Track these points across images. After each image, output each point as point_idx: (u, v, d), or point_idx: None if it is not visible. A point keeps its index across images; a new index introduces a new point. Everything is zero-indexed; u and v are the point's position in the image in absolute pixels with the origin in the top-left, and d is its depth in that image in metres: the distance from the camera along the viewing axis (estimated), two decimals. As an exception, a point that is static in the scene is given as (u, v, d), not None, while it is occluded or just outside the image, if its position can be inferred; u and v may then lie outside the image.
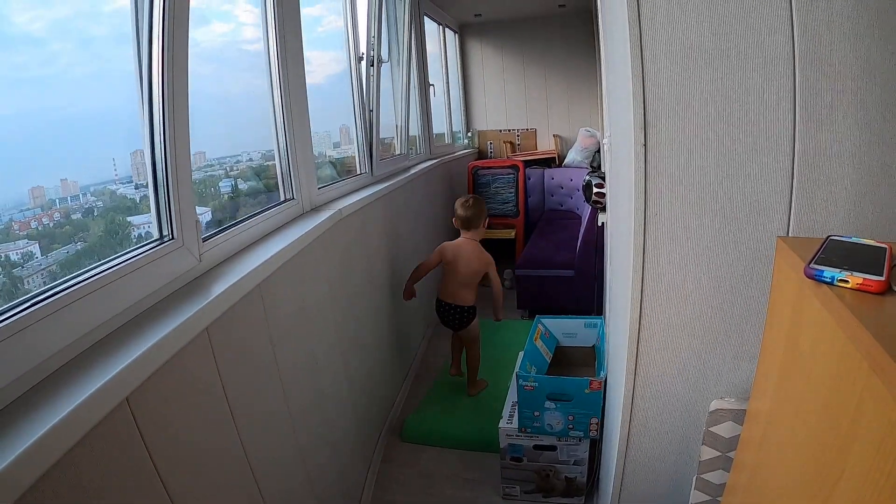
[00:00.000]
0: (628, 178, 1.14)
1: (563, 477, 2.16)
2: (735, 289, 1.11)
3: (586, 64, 5.48)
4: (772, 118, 1.02)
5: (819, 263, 0.68)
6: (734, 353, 1.15)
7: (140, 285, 1.14)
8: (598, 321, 2.50)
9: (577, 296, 3.59)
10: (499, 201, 4.83)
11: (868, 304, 0.59)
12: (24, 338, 0.86)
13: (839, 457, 0.57)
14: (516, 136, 6.07)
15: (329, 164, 2.90)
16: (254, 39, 1.94)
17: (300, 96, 2.06)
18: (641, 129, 1.06)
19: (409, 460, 2.55)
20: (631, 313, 1.17)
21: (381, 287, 2.77)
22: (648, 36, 1.04)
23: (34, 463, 0.70)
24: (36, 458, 0.70)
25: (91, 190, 1.33)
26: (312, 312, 1.83)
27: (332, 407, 1.97)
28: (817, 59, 0.99)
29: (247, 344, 1.37)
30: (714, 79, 1.03)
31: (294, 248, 1.65)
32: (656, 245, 1.12)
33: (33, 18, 1.13)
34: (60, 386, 0.84)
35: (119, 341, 0.99)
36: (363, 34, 2.93)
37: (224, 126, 1.94)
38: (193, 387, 1.13)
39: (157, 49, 1.24)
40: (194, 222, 1.35)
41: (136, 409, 0.93)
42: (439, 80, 5.29)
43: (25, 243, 1.14)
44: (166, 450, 1.01)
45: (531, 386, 2.01)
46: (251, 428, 1.33)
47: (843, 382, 0.57)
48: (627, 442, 1.29)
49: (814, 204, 1.03)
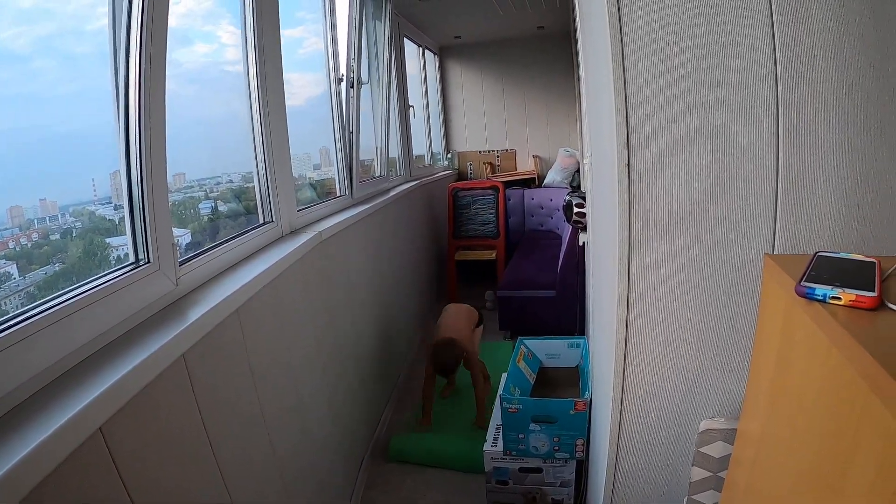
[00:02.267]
0: (611, 199, 1.13)
1: (550, 499, 2.14)
2: (722, 307, 1.10)
3: (565, 85, 5.55)
4: (755, 135, 1.02)
5: (809, 281, 0.67)
6: (723, 372, 1.14)
7: (114, 310, 1.11)
8: (581, 341, 2.49)
9: (559, 316, 3.58)
10: (479, 222, 4.83)
11: (862, 321, 0.58)
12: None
13: (837, 477, 0.56)
14: (496, 156, 6.10)
15: (309, 187, 2.88)
16: (235, 60, 1.93)
17: (280, 118, 2.04)
18: (625, 148, 1.05)
19: (394, 485, 2.50)
20: (616, 335, 1.16)
21: (363, 309, 2.73)
22: (630, 55, 1.04)
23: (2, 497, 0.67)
24: (4, 492, 0.67)
25: (70, 210, 1.32)
26: (293, 337, 1.79)
27: (315, 433, 1.93)
28: (799, 76, 0.99)
29: (226, 371, 1.33)
30: (697, 96, 1.03)
31: (274, 272, 1.62)
32: (641, 265, 1.11)
33: (17, 35, 1.12)
34: (29, 415, 0.81)
35: (92, 368, 0.96)
36: (343, 55, 2.93)
37: (205, 147, 1.93)
38: (171, 416, 1.10)
39: (133, 67, 1.23)
40: (171, 245, 1.32)
41: (111, 440, 0.90)
42: (419, 102, 5.31)
43: (3, 263, 1.12)
44: (144, 483, 0.98)
45: (515, 408, 1.99)
46: (231, 458, 1.30)
47: (840, 403, 0.56)
48: (616, 463, 1.27)
49: (799, 220, 1.03)
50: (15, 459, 0.69)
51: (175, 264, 1.33)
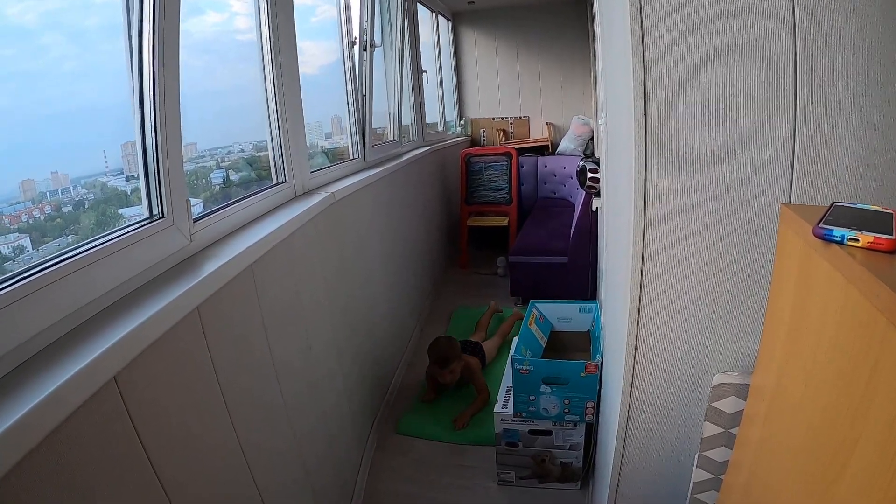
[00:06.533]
0: (628, 150, 1.12)
1: (559, 462, 2.15)
2: (737, 261, 1.09)
3: (580, 52, 5.47)
4: (772, 86, 1.00)
5: (827, 224, 0.66)
6: (737, 327, 1.13)
7: (129, 264, 1.12)
8: (594, 305, 2.49)
9: (570, 282, 3.57)
10: (492, 189, 4.80)
11: (880, 262, 0.57)
12: (6, 316, 0.83)
13: (856, 418, 0.55)
14: (509, 124, 6.04)
15: (322, 154, 2.88)
16: (247, 29, 1.92)
17: (293, 79, 2.03)
18: (641, 97, 1.03)
19: (404, 449, 2.53)
20: (631, 287, 1.15)
21: (375, 271, 2.75)
22: (647, 4, 1.01)
23: (16, 443, 0.68)
24: (18, 439, 0.68)
25: (82, 182, 1.32)
26: (306, 295, 1.80)
27: (326, 391, 1.95)
28: (817, 31, 0.97)
29: (239, 326, 1.34)
30: (714, 46, 1.00)
31: (287, 230, 1.62)
32: (656, 218, 1.10)
33: (24, 10, 1.12)
34: (45, 365, 0.82)
35: (106, 320, 0.96)
36: (356, 19, 2.90)
37: (216, 117, 1.92)
38: (184, 368, 1.11)
39: (147, 14, 1.22)
40: (185, 201, 1.33)
41: (125, 389, 0.91)
42: (432, 68, 5.26)
43: (16, 237, 1.12)
44: (156, 432, 0.99)
45: (526, 370, 2.00)
46: (243, 410, 1.31)
47: (858, 341, 0.56)
48: (628, 419, 1.27)
49: (816, 174, 1.01)
50: (29, 406, 0.70)
51: (189, 220, 1.34)
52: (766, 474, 0.86)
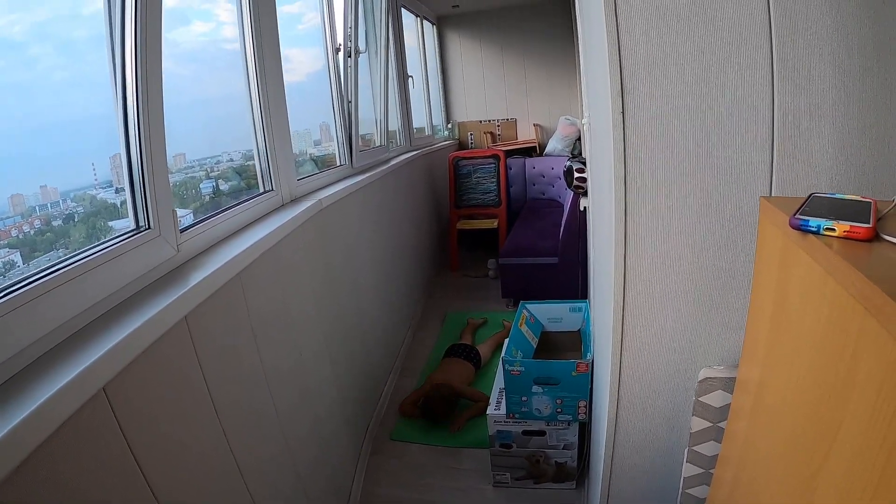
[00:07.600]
0: (608, 149, 1.12)
1: (554, 462, 2.16)
2: (719, 255, 1.10)
3: (565, 53, 5.50)
4: (749, 82, 1.01)
5: (803, 214, 0.67)
6: (721, 322, 1.14)
7: (115, 276, 1.12)
8: (584, 305, 2.50)
9: (561, 282, 3.58)
10: (480, 191, 4.81)
11: (857, 251, 0.58)
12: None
13: (836, 407, 0.56)
14: (497, 126, 6.06)
15: (310, 162, 2.88)
16: (234, 38, 1.92)
17: (278, 87, 2.03)
18: (619, 95, 1.04)
19: (398, 453, 2.53)
20: (615, 285, 1.16)
21: (365, 276, 2.74)
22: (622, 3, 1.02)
23: (7, 456, 0.67)
24: (8, 451, 0.68)
25: (71, 195, 1.31)
26: (295, 303, 1.80)
27: (319, 397, 1.95)
28: (793, 25, 0.98)
29: (228, 335, 1.34)
30: (690, 42, 1.01)
31: (274, 238, 1.62)
32: (638, 214, 1.11)
33: (12, 22, 1.11)
34: (34, 376, 0.81)
35: (95, 331, 0.96)
36: (340, 26, 2.90)
37: (205, 127, 1.92)
38: (174, 378, 1.11)
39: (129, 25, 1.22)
40: (171, 212, 1.33)
41: (115, 400, 0.91)
42: (418, 74, 5.27)
43: (6, 252, 1.12)
44: (148, 443, 0.99)
45: (517, 371, 2.00)
46: (234, 418, 1.31)
47: (837, 330, 0.56)
48: (616, 416, 1.28)
49: (795, 167, 1.02)
50: (18, 418, 0.70)
51: (176, 230, 1.33)
52: (753, 467, 0.87)
